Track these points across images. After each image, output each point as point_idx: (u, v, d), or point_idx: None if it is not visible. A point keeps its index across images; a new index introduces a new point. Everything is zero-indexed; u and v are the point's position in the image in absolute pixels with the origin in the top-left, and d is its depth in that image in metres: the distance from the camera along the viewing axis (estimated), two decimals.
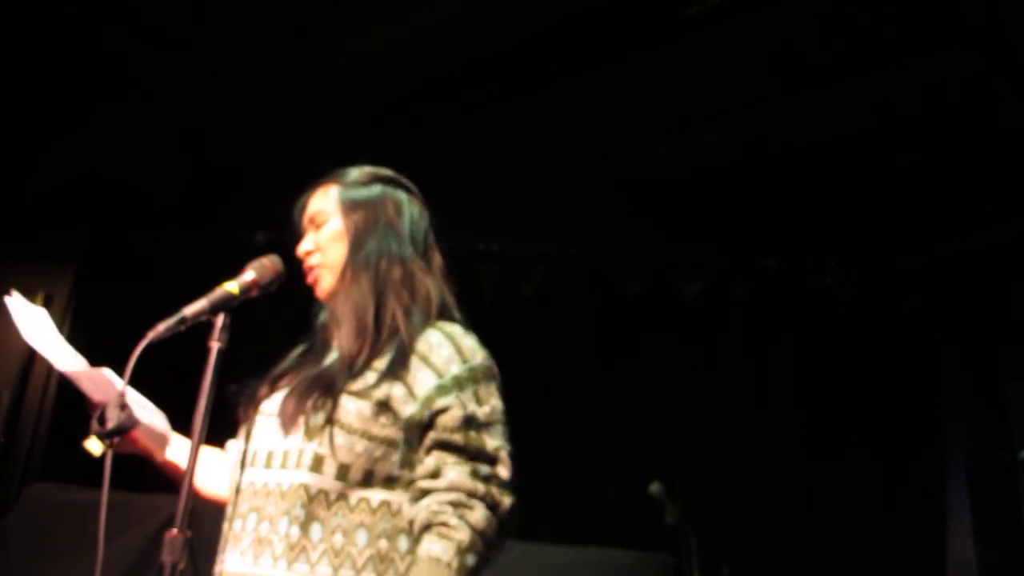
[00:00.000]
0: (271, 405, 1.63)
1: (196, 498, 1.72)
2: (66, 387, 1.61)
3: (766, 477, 4.47)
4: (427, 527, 1.47)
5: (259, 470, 1.57)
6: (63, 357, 1.62)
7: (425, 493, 1.50)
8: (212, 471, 1.76)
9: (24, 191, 4.32)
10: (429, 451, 1.53)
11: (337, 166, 1.82)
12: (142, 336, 1.48)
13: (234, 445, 1.71)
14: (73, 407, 1.64)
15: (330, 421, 1.52)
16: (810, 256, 4.69)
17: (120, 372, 1.51)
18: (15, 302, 1.63)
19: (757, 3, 3.42)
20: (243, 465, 1.61)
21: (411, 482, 1.53)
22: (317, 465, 1.50)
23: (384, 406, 1.54)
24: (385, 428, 1.53)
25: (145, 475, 1.79)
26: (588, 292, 4.69)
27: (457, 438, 1.51)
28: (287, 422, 1.55)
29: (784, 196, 4.44)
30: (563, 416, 4.40)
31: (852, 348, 4.62)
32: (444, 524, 1.45)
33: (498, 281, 4.53)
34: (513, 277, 4.59)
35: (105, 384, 1.60)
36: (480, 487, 1.49)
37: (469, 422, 1.53)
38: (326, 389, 1.55)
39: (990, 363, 4.55)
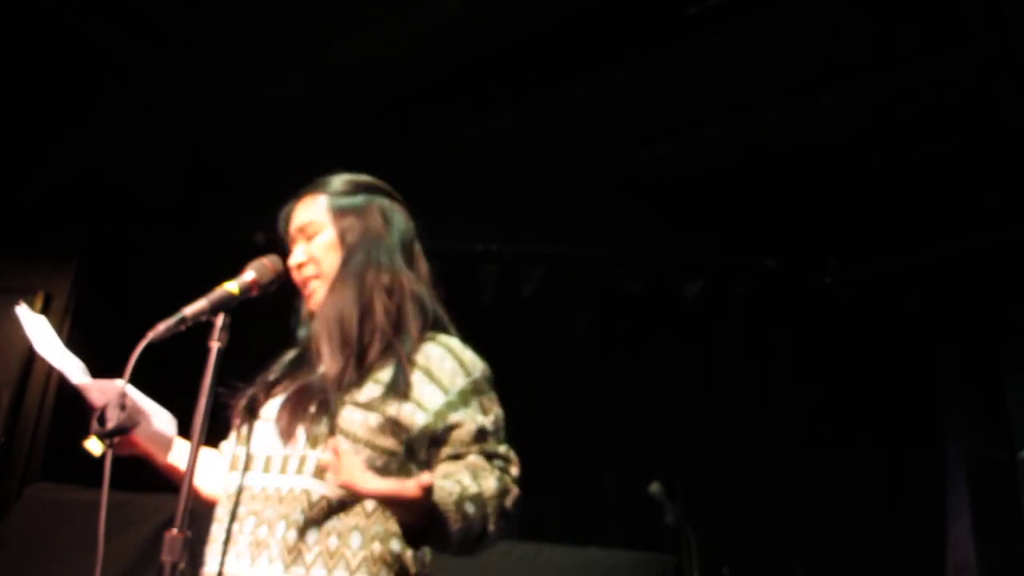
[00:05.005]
0: (269, 411, 1.63)
1: (195, 498, 1.73)
2: (66, 387, 1.61)
3: (766, 477, 4.47)
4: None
5: (257, 474, 1.57)
6: (72, 368, 1.62)
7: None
8: (210, 472, 1.76)
9: (24, 191, 4.32)
10: (445, 461, 1.57)
11: (337, 166, 1.82)
12: (142, 336, 1.48)
13: (227, 447, 1.71)
14: (73, 407, 1.64)
15: (333, 430, 1.53)
16: (810, 256, 4.69)
17: (120, 372, 1.51)
18: (23, 312, 1.63)
19: (757, 3, 3.42)
20: (240, 468, 1.61)
21: None
22: (320, 472, 1.51)
23: (393, 422, 1.55)
24: (388, 440, 1.55)
25: (145, 475, 1.79)
26: (588, 292, 4.69)
27: (473, 449, 1.57)
28: (285, 431, 1.56)
29: (784, 196, 4.44)
30: (563, 416, 4.40)
31: (852, 348, 4.62)
32: (459, 481, 1.49)
33: (498, 281, 4.53)
34: (513, 277, 4.59)
35: (114, 392, 1.59)
36: (496, 470, 1.56)
37: (481, 435, 1.58)
38: (322, 405, 1.55)
39: (990, 363, 4.56)
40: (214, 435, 1.70)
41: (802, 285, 4.70)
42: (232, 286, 1.59)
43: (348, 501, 1.51)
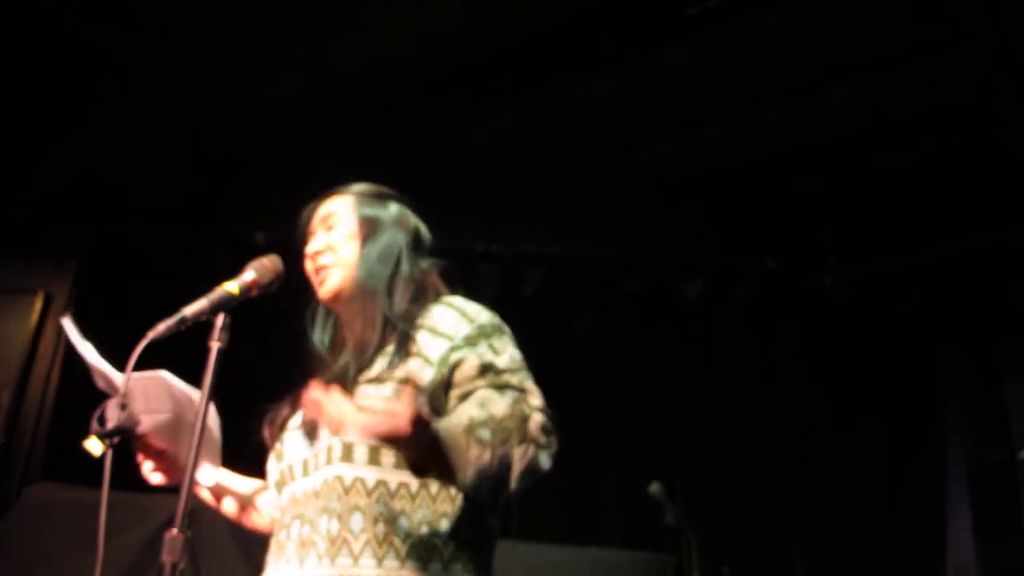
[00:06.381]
0: (296, 421, 1.66)
1: (261, 529, 1.77)
2: (66, 387, 1.61)
3: (766, 477, 4.47)
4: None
5: (297, 481, 1.59)
6: (115, 372, 1.61)
7: None
8: (265, 500, 1.78)
9: (25, 190, 4.32)
10: (456, 407, 1.50)
11: (336, 166, 1.83)
12: (142, 336, 1.48)
13: (271, 466, 1.73)
14: (73, 407, 1.64)
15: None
16: (810, 256, 4.69)
17: (120, 372, 1.51)
18: (67, 323, 1.63)
19: (757, 3, 3.42)
20: (282, 482, 1.63)
21: None
22: (348, 454, 1.50)
23: (406, 383, 1.53)
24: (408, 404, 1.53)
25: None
26: (588, 292, 4.69)
27: (480, 383, 1.50)
28: (309, 432, 1.58)
29: (784, 196, 4.44)
30: (563, 416, 4.39)
31: (852, 348, 4.62)
32: (467, 414, 1.41)
33: (498, 281, 4.53)
34: (513, 277, 4.59)
35: (157, 395, 1.60)
36: (508, 398, 1.47)
37: (487, 368, 1.52)
38: (340, 383, 1.53)
39: (990, 363, 4.56)
40: (242, 454, 1.74)
41: (802, 285, 4.70)
42: (232, 286, 1.59)
43: (387, 481, 1.49)
